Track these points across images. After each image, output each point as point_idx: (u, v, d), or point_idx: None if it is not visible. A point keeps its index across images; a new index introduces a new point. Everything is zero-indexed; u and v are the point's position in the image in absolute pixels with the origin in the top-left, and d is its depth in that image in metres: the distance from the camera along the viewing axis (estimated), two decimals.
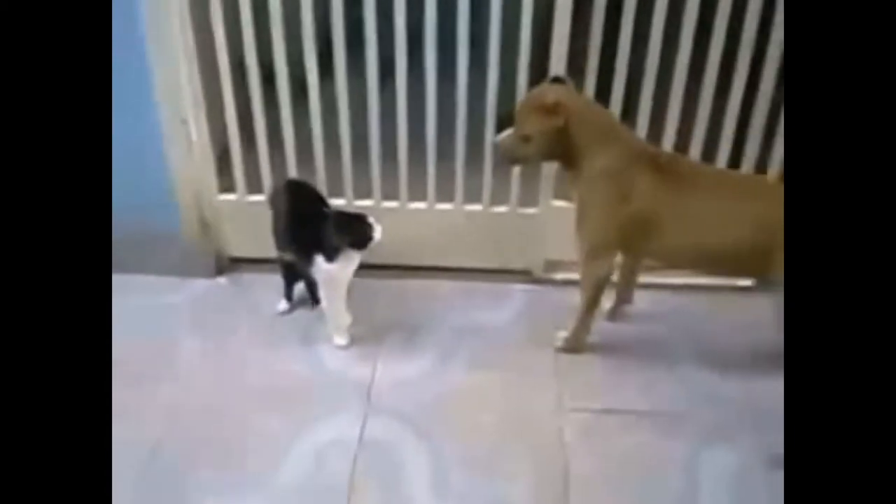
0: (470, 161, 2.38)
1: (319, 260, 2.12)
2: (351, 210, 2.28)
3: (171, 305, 2.42)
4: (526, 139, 1.98)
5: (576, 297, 2.23)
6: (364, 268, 2.21)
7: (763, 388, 2.11)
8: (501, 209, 2.44)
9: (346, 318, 2.27)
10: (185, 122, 2.26)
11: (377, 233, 2.11)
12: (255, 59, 2.26)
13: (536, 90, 2.02)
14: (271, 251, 2.41)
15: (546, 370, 2.20)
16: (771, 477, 1.89)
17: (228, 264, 2.56)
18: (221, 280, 2.53)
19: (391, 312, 2.40)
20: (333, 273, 2.14)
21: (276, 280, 2.42)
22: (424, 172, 2.40)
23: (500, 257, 2.51)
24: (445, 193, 2.43)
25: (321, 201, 2.23)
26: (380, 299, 2.43)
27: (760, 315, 2.31)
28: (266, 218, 2.29)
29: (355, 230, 2.11)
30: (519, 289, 2.49)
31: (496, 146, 2.08)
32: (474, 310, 2.41)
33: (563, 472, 1.92)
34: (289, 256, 2.26)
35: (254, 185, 2.45)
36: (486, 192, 2.42)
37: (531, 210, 2.44)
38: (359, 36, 2.22)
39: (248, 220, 2.47)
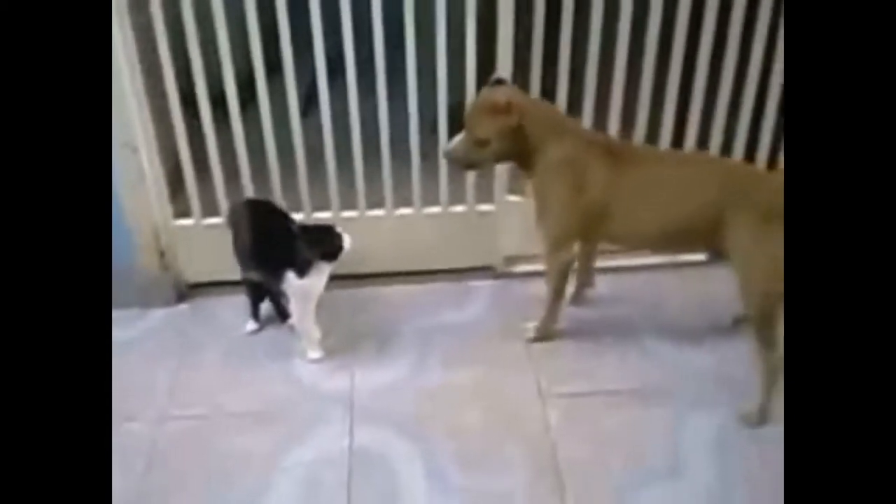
0: (425, 164, 2.41)
1: (290, 276, 2.11)
2: (314, 223, 2.28)
3: (133, 338, 2.37)
4: (482, 143, 2.00)
5: (538, 288, 2.28)
6: (328, 279, 2.21)
7: (730, 355, 2.21)
8: (459, 209, 2.48)
9: (317, 332, 2.27)
10: (135, 150, 2.22)
11: (346, 242, 2.12)
12: (203, 83, 2.23)
13: (484, 93, 2.05)
14: (231, 274, 2.39)
15: (521, 361, 2.25)
16: (750, 438, 1.99)
17: (188, 290, 2.52)
18: (183, 307, 2.48)
19: (360, 321, 2.40)
20: (306, 287, 2.14)
21: (239, 301, 2.40)
22: (380, 179, 2.42)
23: (461, 256, 2.55)
24: (402, 198, 2.46)
25: (284, 217, 2.22)
26: (347, 309, 2.43)
27: (717, 287, 2.38)
28: (224, 240, 2.27)
29: (325, 242, 2.11)
30: (482, 285, 2.54)
31: (449, 154, 2.09)
32: (442, 310, 2.44)
33: (554, 457, 1.96)
34: (255, 276, 2.25)
35: (209, 209, 2.42)
36: (443, 194, 2.45)
37: (487, 207, 2.48)
38: (308, 44, 2.22)
39: (206, 244, 2.44)
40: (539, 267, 2.32)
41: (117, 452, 1.97)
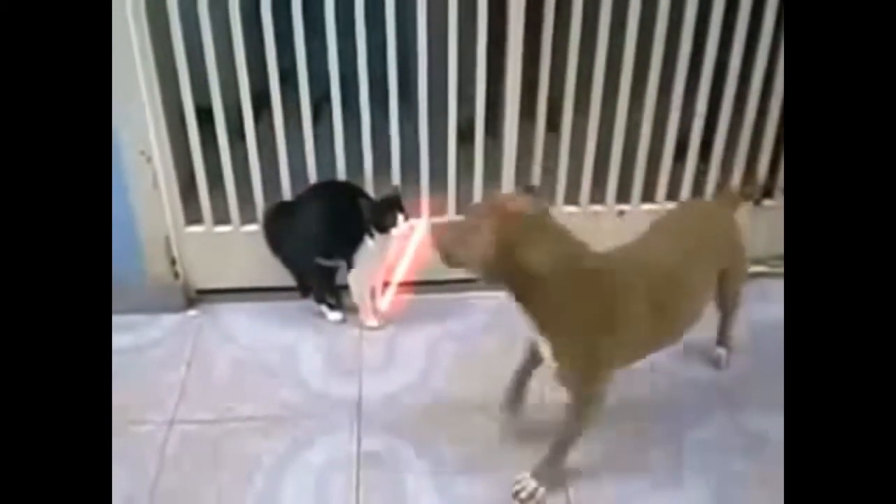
0: (433, 177, 2.45)
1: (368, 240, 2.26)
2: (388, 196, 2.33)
3: (143, 343, 2.39)
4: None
5: None
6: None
7: (732, 369, 2.26)
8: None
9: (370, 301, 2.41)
10: (150, 159, 2.25)
11: (399, 226, 2.25)
12: (218, 92, 2.27)
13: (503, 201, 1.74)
14: (240, 280, 2.43)
15: None
16: (749, 452, 2.03)
17: (197, 297, 2.55)
18: (192, 313, 2.51)
19: (366, 330, 2.44)
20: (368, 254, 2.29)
21: (248, 308, 2.47)
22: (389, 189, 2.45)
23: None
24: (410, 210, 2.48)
25: (346, 190, 2.35)
26: (353, 318, 2.47)
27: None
28: (235, 247, 2.32)
29: (385, 215, 2.24)
30: (484, 296, 2.55)
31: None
32: (449, 319, 2.48)
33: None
34: (325, 260, 2.36)
35: (220, 216, 2.45)
36: (451, 206, 2.49)
37: None
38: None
39: (216, 251, 2.48)
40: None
41: (127, 456, 2.02)
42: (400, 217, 2.24)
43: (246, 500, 1.93)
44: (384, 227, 2.24)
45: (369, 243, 2.27)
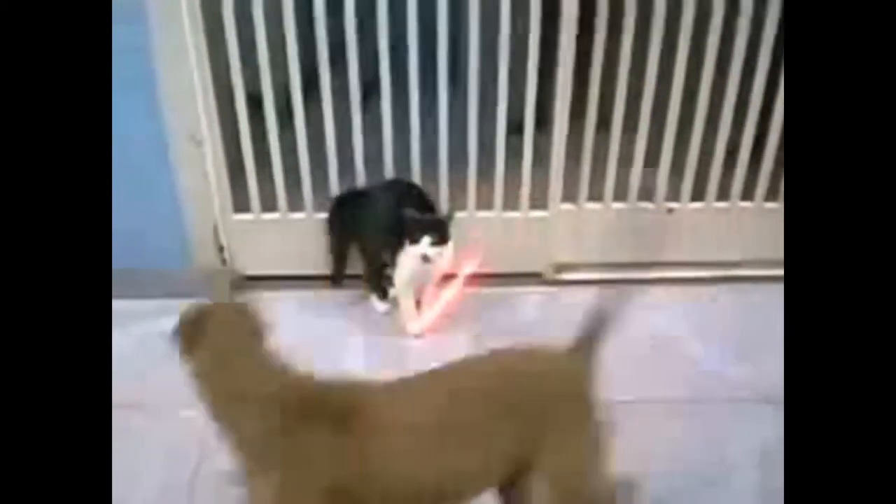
0: (481, 169, 2.45)
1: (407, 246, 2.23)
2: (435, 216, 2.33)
3: None
4: None
5: (586, 297, 2.27)
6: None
7: (774, 368, 2.20)
8: (513, 214, 2.50)
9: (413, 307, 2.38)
10: (199, 143, 2.27)
11: (423, 246, 2.20)
12: (269, 81, 2.29)
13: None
14: (287, 268, 2.44)
15: None
16: None
17: (243, 283, 2.57)
18: (237, 299, 2.53)
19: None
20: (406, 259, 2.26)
21: (292, 295, 2.47)
22: (436, 182, 2.46)
23: (510, 261, 2.57)
24: (457, 203, 2.49)
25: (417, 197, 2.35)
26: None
27: (765, 299, 2.39)
28: (284, 233, 2.32)
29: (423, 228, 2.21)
30: (532, 291, 2.55)
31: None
32: (493, 314, 2.46)
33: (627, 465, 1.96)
34: (386, 253, 2.35)
35: (268, 204, 2.47)
36: (498, 199, 2.48)
37: (541, 213, 2.50)
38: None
39: (264, 238, 2.50)
40: (590, 276, 2.34)
41: (171, 441, 2.04)
42: (426, 239, 2.19)
43: None
44: (412, 242, 2.22)
45: (406, 249, 2.25)
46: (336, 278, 2.49)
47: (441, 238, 2.20)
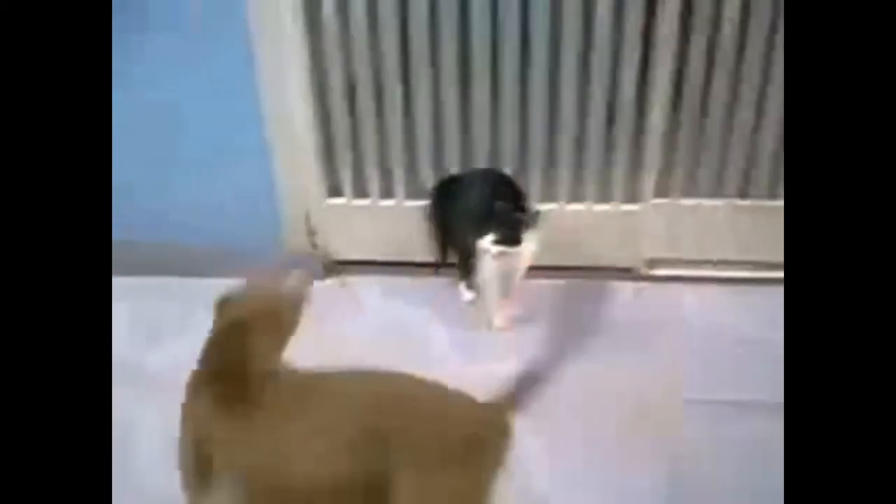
0: (574, 161, 2.42)
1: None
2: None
3: None
4: None
5: (679, 293, 2.23)
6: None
7: None
8: (605, 207, 2.47)
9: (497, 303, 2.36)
10: (294, 131, 2.32)
11: (486, 243, 2.18)
12: (367, 69, 2.32)
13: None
14: (377, 254, 2.47)
15: (655, 362, 2.22)
16: None
17: (334, 267, 2.62)
18: (328, 283, 2.58)
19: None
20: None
21: (382, 280, 2.51)
22: (527, 173, 2.44)
23: (601, 255, 2.53)
24: (548, 193, 2.47)
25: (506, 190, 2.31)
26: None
27: None
28: (375, 219, 2.36)
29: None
30: (621, 286, 2.51)
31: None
32: (579, 306, 2.44)
33: (683, 465, 1.93)
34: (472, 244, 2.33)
35: (359, 190, 2.51)
36: (590, 191, 2.45)
37: (634, 207, 2.46)
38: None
39: (355, 223, 2.53)
40: (683, 272, 2.29)
41: None
42: (490, 237, 2.17)
43: None
44: (489, 235, 2.20)
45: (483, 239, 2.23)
46: (439, 265, 2.49)
47: (514, 238, 2.17)
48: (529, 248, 2.21)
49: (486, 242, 2.18)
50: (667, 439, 1.99)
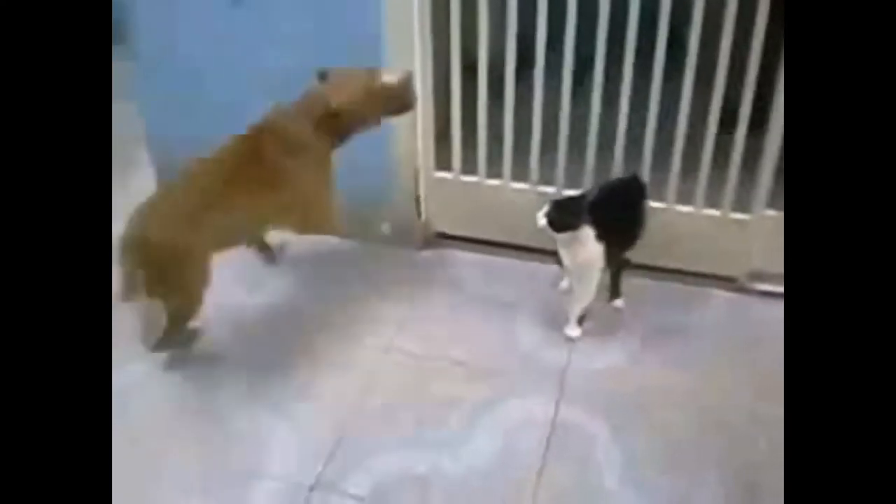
0: (686, 162, 2.38)
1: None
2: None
3: (373, 271, 2.57)
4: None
5: (779, 311, 2.15)
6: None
7: None
8: (713, 213, 2.42)
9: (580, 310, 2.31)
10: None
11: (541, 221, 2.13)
12: (486, 54, 2.35)
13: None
14: (477, 231, 2.51)
15: (743, 376, 2.16)
16: None
17: (434, 239, 2.66)
18: (426, 254, 2.63)
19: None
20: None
21: (478, 259, 2.57)
22: (640, 166, 2.41)
23: (704, 261, 2.48)
24: (657, 192, 2.42)
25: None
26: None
27: None
28: (480, 197, 2.41)
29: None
30: (720, 294, 2.45)
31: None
32: (673, 310, 2.40)
33: (753, 479, 1.89)
34: None
35: (469, 167, 2.54)
36: (700, 194, 2.40)
37: (743, 216, 2.40)
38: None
39: (460, 198, 2.58)
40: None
41: (343, 369, 2.18)
42: (549, 222, 2.12)
43: (438, 436, 2.01)
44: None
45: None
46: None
47: (554, 218, 2.12)
48: (587, 238, 2.15)
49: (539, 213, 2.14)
50: (740, 450, 1.96)
